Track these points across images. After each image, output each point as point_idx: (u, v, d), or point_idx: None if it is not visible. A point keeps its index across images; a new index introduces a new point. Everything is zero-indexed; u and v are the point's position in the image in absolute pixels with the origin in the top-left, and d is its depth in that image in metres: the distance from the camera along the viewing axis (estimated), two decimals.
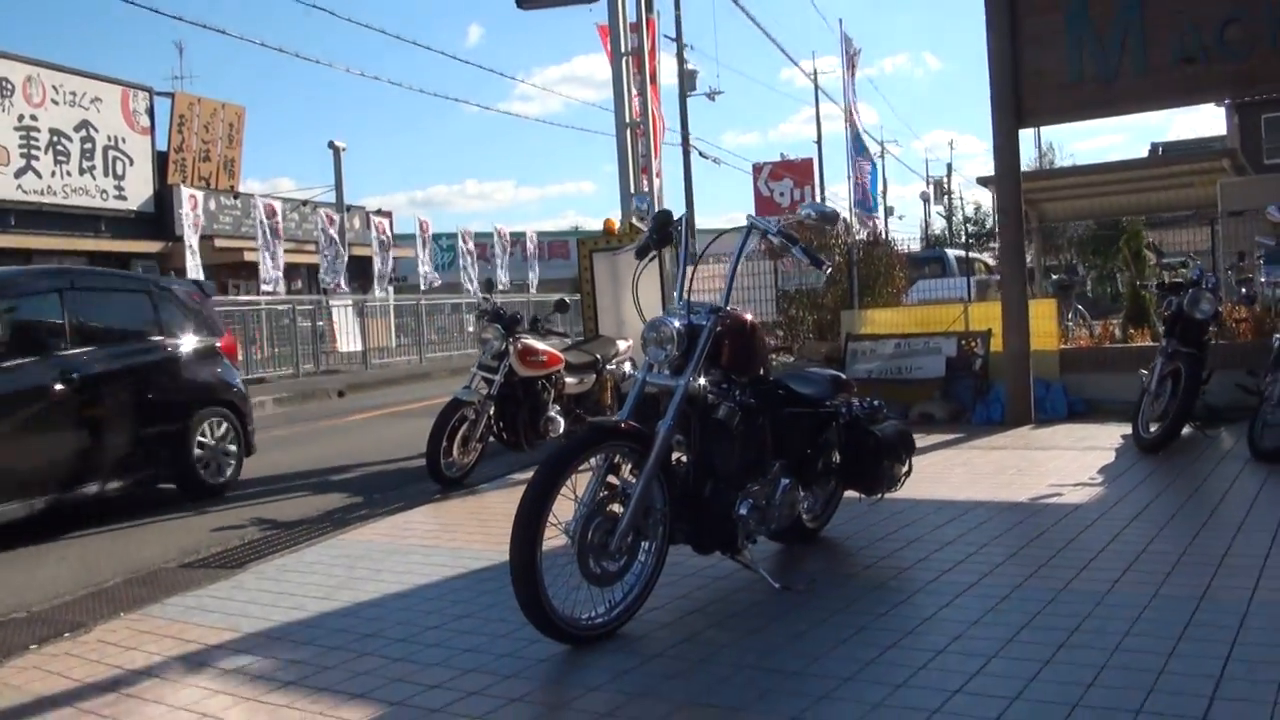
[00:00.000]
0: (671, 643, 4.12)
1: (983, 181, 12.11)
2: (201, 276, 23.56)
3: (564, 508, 4.13)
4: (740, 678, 3.70)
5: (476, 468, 8.40)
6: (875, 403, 5.42)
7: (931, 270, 19.68)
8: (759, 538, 4.87)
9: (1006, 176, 9.82)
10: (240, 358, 20.37)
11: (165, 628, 4.82)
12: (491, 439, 8.59)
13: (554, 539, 4.11)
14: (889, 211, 62.44)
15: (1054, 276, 21.50)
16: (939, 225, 57.36)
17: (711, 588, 4.84)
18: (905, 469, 5.42)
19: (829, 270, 4.58)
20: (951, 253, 21.23)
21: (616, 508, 4.21)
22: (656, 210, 4.74)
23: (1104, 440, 8.48)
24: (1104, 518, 5.75)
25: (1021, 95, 9.68)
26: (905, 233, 59.58)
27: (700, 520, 4.47)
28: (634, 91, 10.67)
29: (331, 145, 24.85)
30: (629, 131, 10.45)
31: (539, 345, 8.72)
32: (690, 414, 4.43)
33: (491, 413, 8.40)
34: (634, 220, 4.88)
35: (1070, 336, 12.97)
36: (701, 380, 4.40)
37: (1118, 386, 9.86)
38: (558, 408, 8.69)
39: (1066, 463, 7.56)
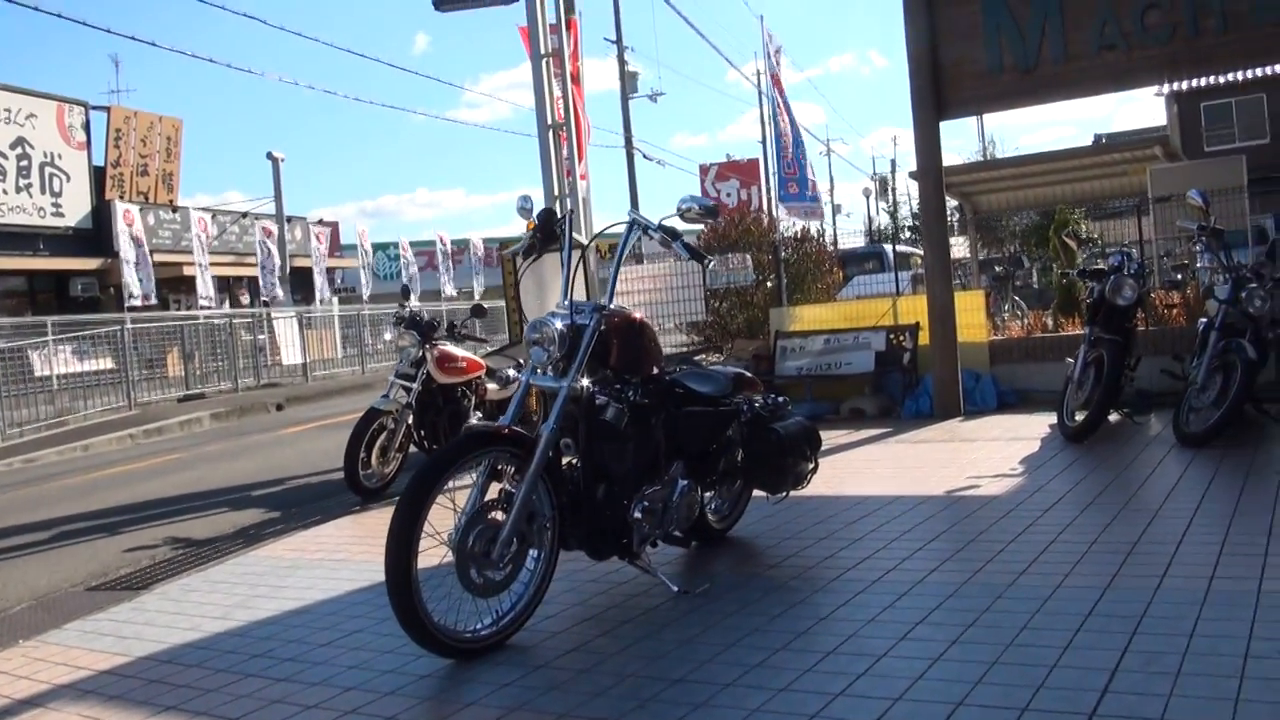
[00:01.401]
0: (560, 652, 3.99)
1: (914, 176, 12.08)
2: (140, 291, 23.21)
3: (446, 518, 4.00)
4: (622, 687, 3.57)
5: (398, 478, 8.26)
6: (779, 399, 5.33)
7: (871, 266, 19.79)
8: (659, 541, 4.74)
9: (928, 171, 9.77)
10: (179, 372, 20.10)
11: (59, 654, 4.67)
12: (413, 448, 8.46)
13: (438, 551, 3.99)
14: (836, 209, 62.97)
15: (996, 270, 21.59)
16: (885, 220, 57.63)
17: (610, 594, 4.73)
18: (811, 466, 5.33)
19: (710, 265, 4.46)
20: (891, 248, 21.26)
21: (499, 515, 4.08)
22: (539, 209, 4.63)
23: (1031, 430, 8.44)
24: (1019, 509, 5.68)
25: (941, 87, 9.63)
26: (851, 229, 59.74)
27: (593, 525, 4.37)
28: (556, 93, 10.53)
29: (270, 156, 24.49)
30: (551, 133, 10.31)
31: (457, 351, 8.65)
32: (577, 416, 4.33)
33: (411, 421, 8.29)
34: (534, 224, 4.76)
35: (1003, 327, 12.97)
36: (585, 381, 4.30)
37: (1048, 376, 9.85)
38: (479, 415, 8.61)
39: (990, 454, 7.52)
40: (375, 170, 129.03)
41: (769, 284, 13.28)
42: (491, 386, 8.80)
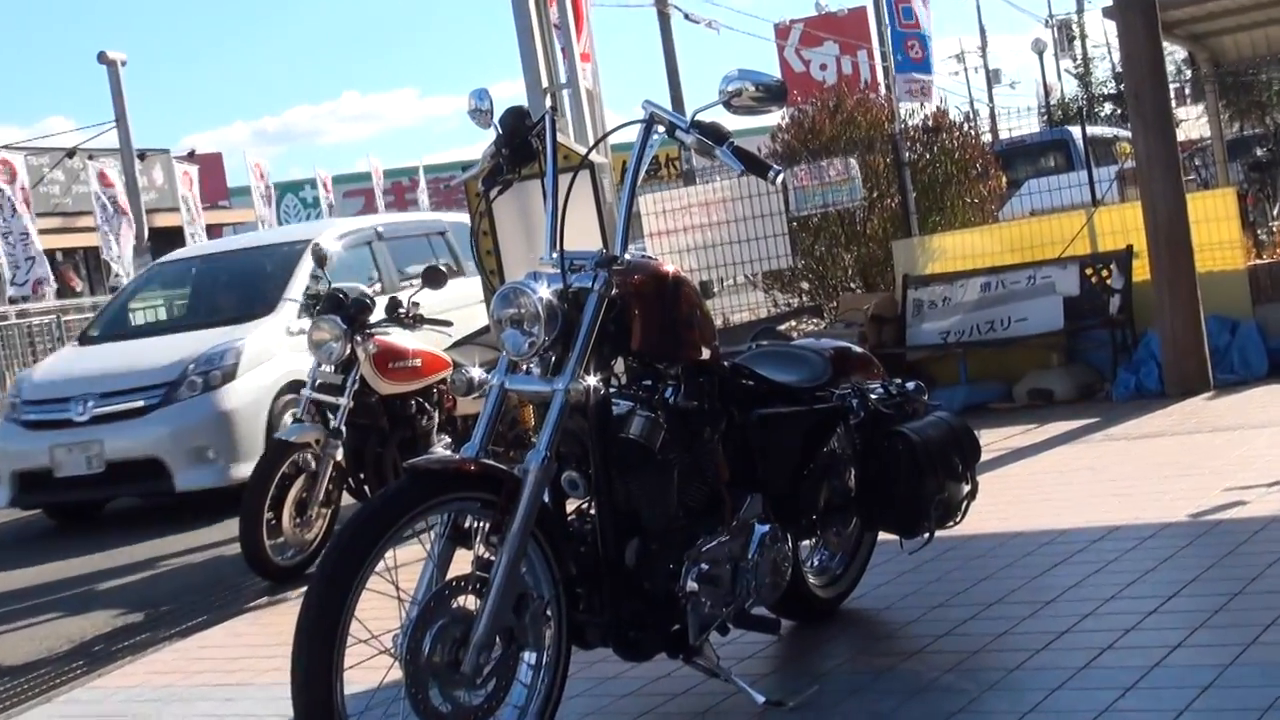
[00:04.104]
0: None
1: (1108, 13, 11.89)
2: None
3: (388, 611, 3.98)
4: None
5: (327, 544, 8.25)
6: (910, 385, 5.33)
7: (1051, 162, 19.51)
8: (730, 625, 4.68)
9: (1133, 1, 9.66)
10: None
11: None
12: (348, 498, 8.52)
13: (380, 661, 3.96)
14: (992, 77, 62.48)
15: (1258, 154, 21.23)
16: (1070, 89, 57.10)
17: (660, 713, 4.71)
18: (967, 488, 5.30)
19: (779, 178, 4.39)
20: (1081, 132, 21.04)
21: (471, 602, 4.04)
22: (505, 111, 4.62)
23: None
24: None
25: None
26: (1016, 107, 59.19)
27: (622, 607, 4.31)
28: None
29: (103, 59, 24.42)
30: None
31: (406, 343, 8.65)
32: (584, 435, 4.30)
33: (340, 456, 8.26)
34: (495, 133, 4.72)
35: (1272, 244, 12.80)
36: (592, 380, 4.23)
37: None
38: (446, 439, 8.59)
39: (1262, 450, 7.50)
40: (276, 70, 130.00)
41: (890, 203, 13.15)
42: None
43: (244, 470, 9.78)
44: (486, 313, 9.01)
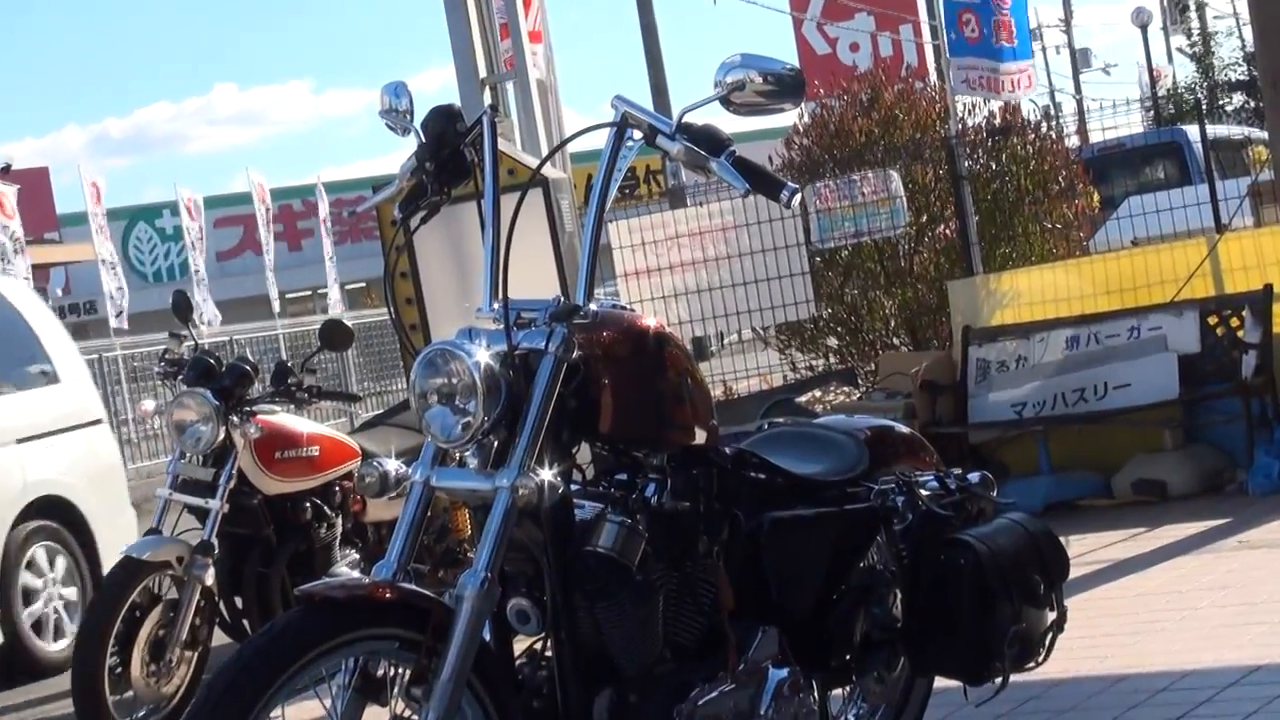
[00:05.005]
0: None
1: None
2: None
3: None
4: None
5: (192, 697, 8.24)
6: (971, 477, 5.34)
7: (1159, 172, 19.50)
8: None
9: None
10: None
11: None
12: (220, 634, 8.56)
13: None
14: (1080, 59, 62.57)
15: None
16: (1181, 77, 57.43)
17: None
18: (1051, 616, 5.28)
19: (795, 199, 4.40)
20: (1199, 132, 21.16)
21: None
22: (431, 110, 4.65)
23: None
24: None
25: None
26: (1111, 99, 59.43)
27: None
28: None
29: None
30: None
31: (300, 426, 8.71)
32: (537, 549, 4.29)
33: (210, 579, 8.25)
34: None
35: None
36: (548, 473, 4.21)
37: None
38: (353, 554, 8.64)
39: None
40: (123, 56, 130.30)
41: (944, 230, 13.18)
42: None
43: None
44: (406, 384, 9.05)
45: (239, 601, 8.57)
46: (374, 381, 30.13)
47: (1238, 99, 47.61)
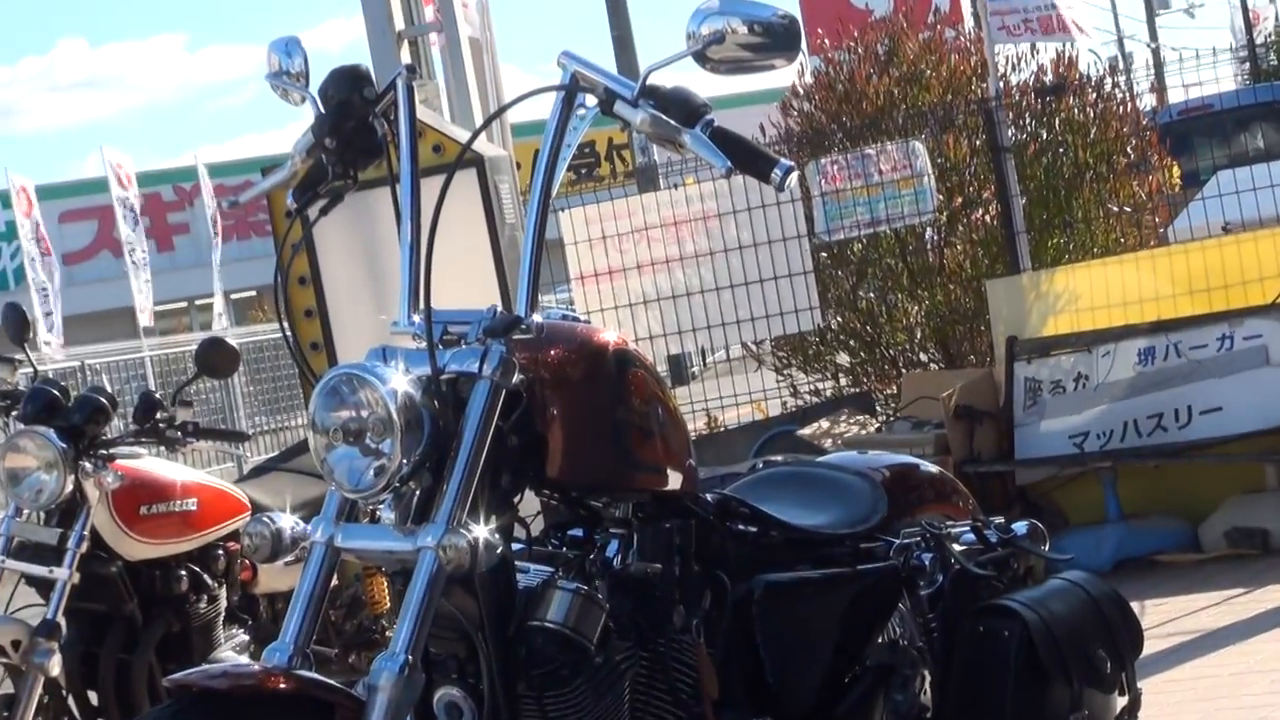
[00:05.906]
0: None
1: None
2: None
3: None
4: None
5: None
6: (1017, 528, 5.37)
7: (1255, 141, 19.55)
8: None
9: None
10: None
11: None
12: None
13: None
14: (1156, 0, 62.63)
15: None
16: None
17: None
18: (1122, 701, 5.32)
19: (791, 179, 4.40)
20: None
21: None
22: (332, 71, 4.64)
23: None
24: None
25: None
26: (1192, 52, 59.64)
27: None
28: None
29: None
30: None
31: (171, 474, 8.74)
32: (474, 625, 4.31)
33: (56, 669, 8.24)
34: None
35: None
36: (483, 530, 4.22)
37: None
38: (240, 634, 8.68)
39: None
40: None
41: (983, 216, 13.23)
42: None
43: None
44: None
45: (93, 697, 8.54)
46: (267, 416, 30.20)
47: None
